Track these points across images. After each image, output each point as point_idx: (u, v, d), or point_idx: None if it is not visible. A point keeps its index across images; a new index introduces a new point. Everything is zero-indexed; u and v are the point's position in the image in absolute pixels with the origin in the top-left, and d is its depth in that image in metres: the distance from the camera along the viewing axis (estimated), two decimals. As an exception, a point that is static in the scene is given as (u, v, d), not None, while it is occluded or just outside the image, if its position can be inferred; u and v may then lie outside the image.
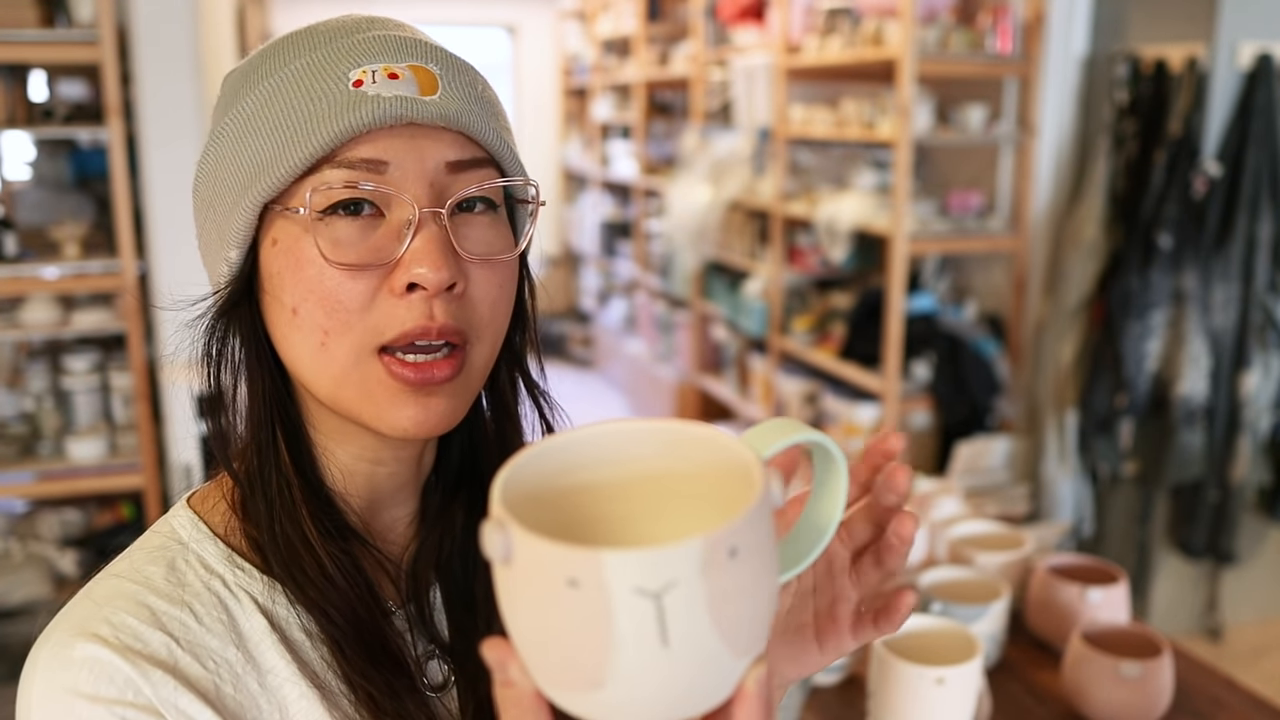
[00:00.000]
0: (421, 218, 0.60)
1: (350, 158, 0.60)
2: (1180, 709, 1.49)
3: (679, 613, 0.39)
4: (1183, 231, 3.08)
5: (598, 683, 0.40)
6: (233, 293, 0.64)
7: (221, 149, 0.63)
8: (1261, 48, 3.03)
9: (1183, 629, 3.41)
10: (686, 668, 0.40)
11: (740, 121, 4.42)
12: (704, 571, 0.39)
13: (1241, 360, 3.13)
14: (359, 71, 0.60)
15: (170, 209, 2.98)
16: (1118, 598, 1.62)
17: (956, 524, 1.88)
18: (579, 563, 0.38)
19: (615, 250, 6.50)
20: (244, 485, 0.65)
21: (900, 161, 3.24)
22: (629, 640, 0.39)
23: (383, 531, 0.70)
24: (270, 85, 0.61)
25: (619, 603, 0.38)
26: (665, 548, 0.38)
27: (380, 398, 0.61)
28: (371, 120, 0.59)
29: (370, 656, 0.63)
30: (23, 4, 2.69)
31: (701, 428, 0.47)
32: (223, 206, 0.63)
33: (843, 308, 3.99)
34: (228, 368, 0.66)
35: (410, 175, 0.60)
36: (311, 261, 0.60)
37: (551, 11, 7.67)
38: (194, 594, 0.62)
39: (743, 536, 0.40)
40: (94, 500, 3.16)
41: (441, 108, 0.61)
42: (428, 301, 0.60)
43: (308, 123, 0.59)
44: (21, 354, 3.16)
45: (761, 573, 0.41)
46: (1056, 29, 3.32)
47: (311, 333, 0.61)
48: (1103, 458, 3.29)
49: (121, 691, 0.56)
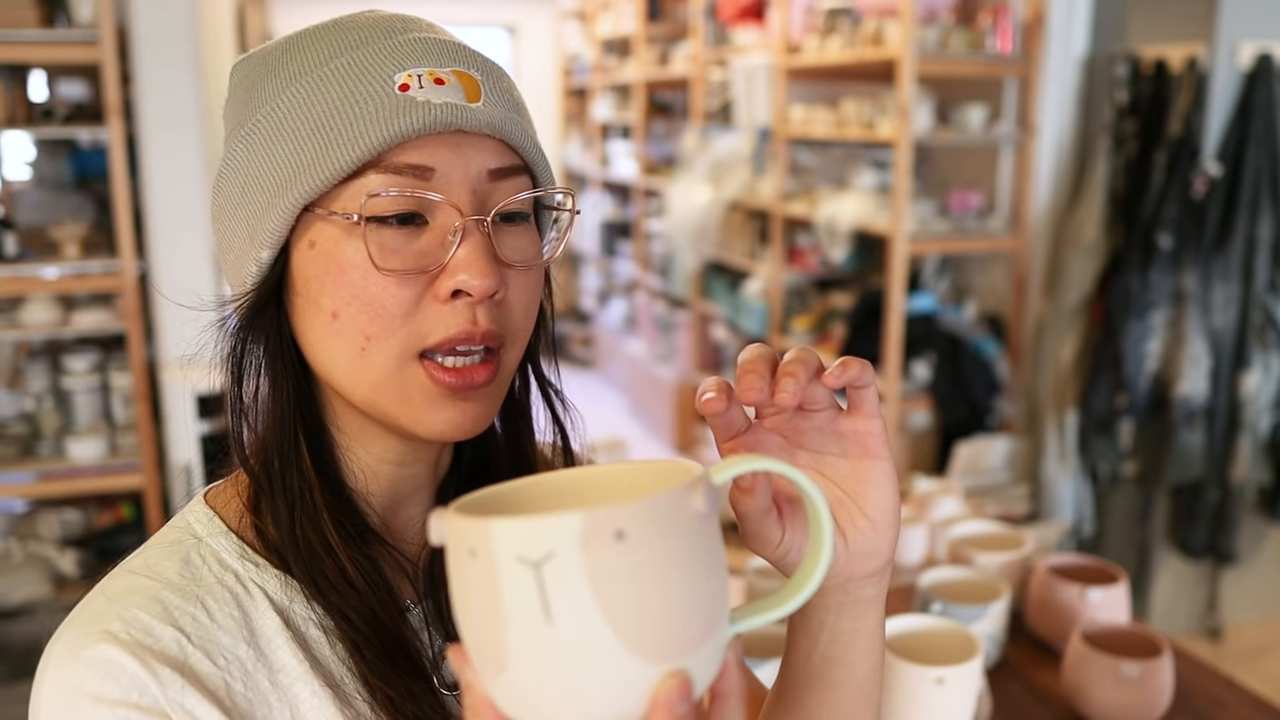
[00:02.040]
0: (467, 225, 0.60)
1: (397, 163, 0.59)
2: (1180, 709, 1.49)
3: (558, 586, 0.40)
4: (1183, 231, 3.08)
5: (502, 664, 0.42)
6: (261, 294, 0.64)
7: (253, 147, 0.62)
8: (1261, 48, 3.03)
9: (1183, 629, 3.41)
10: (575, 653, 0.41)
11: (740, 121, 4.42)
12: (584, 547, 0.40)
13: (1241, 360, 3.13)
14: (404, 75, 0.60)
15: (170, 209, 2.98)
16: (1118, 598, 1.62)
17: (956, 524, 1.88)
18: (474, 532, 0.41)
19: (615, 250, 6.50)
20: (264, 486, 0.65)
21: (900, 161, 3.24)
22: (515, 612, 0.40)
23: (400, 530, 0.70)
24: (308, 83, 0.60)
25: (504, 571, 0.40)
26: (544, 517, 0.40)
27: (419, 402, 0.62)
28: (422, 126, 0.59)
29: (390, 659, 0.63)
30: (23, 4, 2.69)
31: (669, 461, 0.49)
32: (254, 206, 0.62)
33: (843, 308, 3.99)
34: (250, 368, 0.66)
35: (455, 182, 0.61)
36: (355, 266, 0.60)
37: (551, 11, 7.67)
38: (207, 589, 0.62)
39: (633, 523, 0.40)
40: (94, 500, 3.16)
41: (487, 115, 0.61)
42: (472, 308, 0.61)
43: (355, 125, 0.59)
44: (21, 354, 3.16)
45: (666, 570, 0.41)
46: (1056, 29, 3.32)
47: (352, 337, 0.61)
48: (1103, 458, 3.29)
49: (126, 692, 0.56)
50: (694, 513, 0.43)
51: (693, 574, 0.42)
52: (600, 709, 0.42)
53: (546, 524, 0.40)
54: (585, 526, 0.40)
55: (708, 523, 0.43)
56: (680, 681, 0.42)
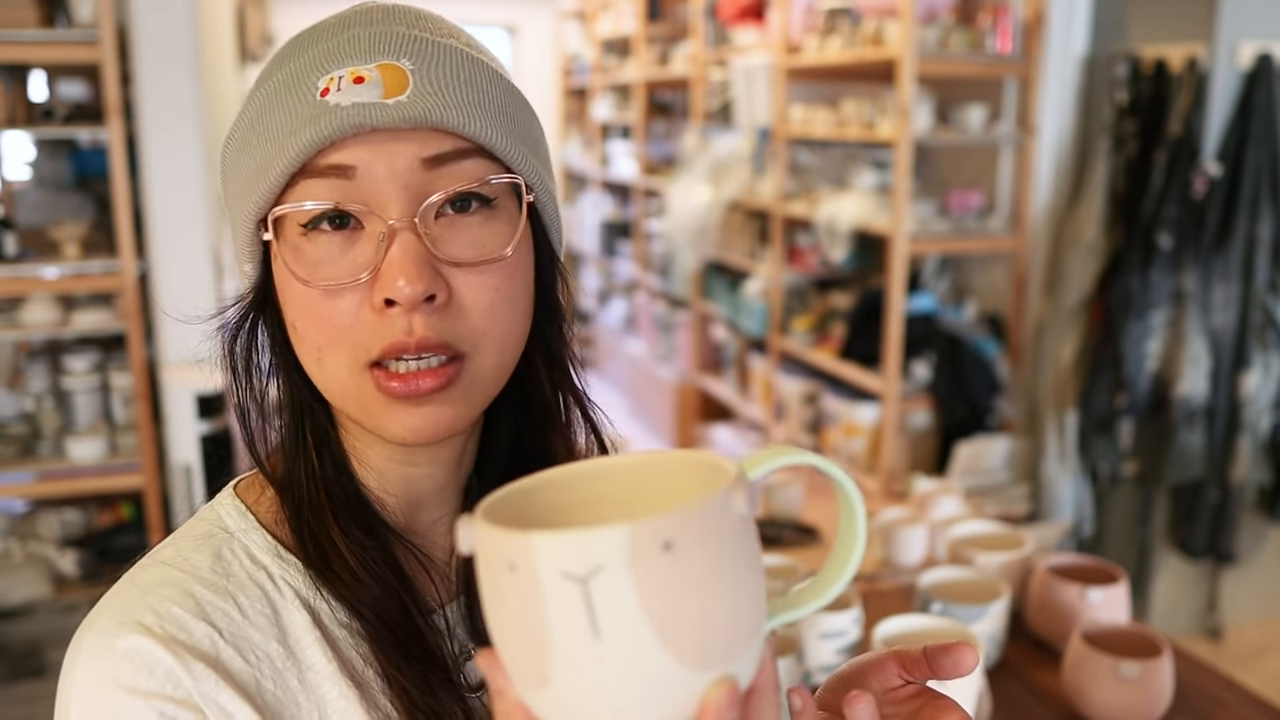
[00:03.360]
0: (393, 228, 0.58)
1: (320, 165, 0.58)
2: (1180, 709, 1.49)
3: (607, 602, 0.39)
4: (1183, 231, 3.08)
5: (545, 678, 0.41)
6: (251, 303, 0.65)
7: (227, 164, 0.64)
8: (1261, 48, 3.03)
9: (1183, 629, 3.41)
10: (625, 667, 0.40)
11: (740, 121, 4.42)
12: (632, 560, 0.38)
13: (1241, 360, 3.13)
14: (326, 79, 0.59)
15: (170, 209, 2.98)
16: (1118, 598, 1.62)
17: (956, 524, 1.88)
18: (514, 546, 0.39)
19: (615, 250, 6.50)
20: (275, 484, 0.66)
21: (900, 161, 3.24)
22: (561, 629, 0.39)
23: (425, 531, 0.69)
24: (263, 94, 0.62)
25: (549, 587, 0.39)
26: (590, 531, 0.38)
27: (374, 410, 0.61)
28: (330, 131, 0.57)
29: (404, 651, 0.62)
30: (23, 4, 2.69)
31: (698, 452, 0.47)
32: (232, 221, 0.64)
33: (843, 308, 3.99)
34: (256, 371, 0.67)
35: (380, 180, 0.58)
36: (297, 279, 0.60)
37: (551, 11, 7.67)
38: (239, 585, 0.61)
39: (680, 533, 0.39)
40: (94, 500, 3.16)
41: (406, 109, 0.58)
42: (406, 316, 0.58)
43: (279, 139, 0.59)
44: (21, 354, 3.16)
45: (713, 578, 0.40)
46: (1056, 29, 3.32)
47: (310, 349, 0.61)
48: (1103, 458, 3.29)
49: (161, 685, 0.56)
50: (737, 515, 0.42)
51: (738, 578, 0.42)
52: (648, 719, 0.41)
53: (592, 538, 0.38)
54: (633, 539, 0.38)
55: (748, 523, 0.43)
56: (729, 688, 0.41)
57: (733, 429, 4.77)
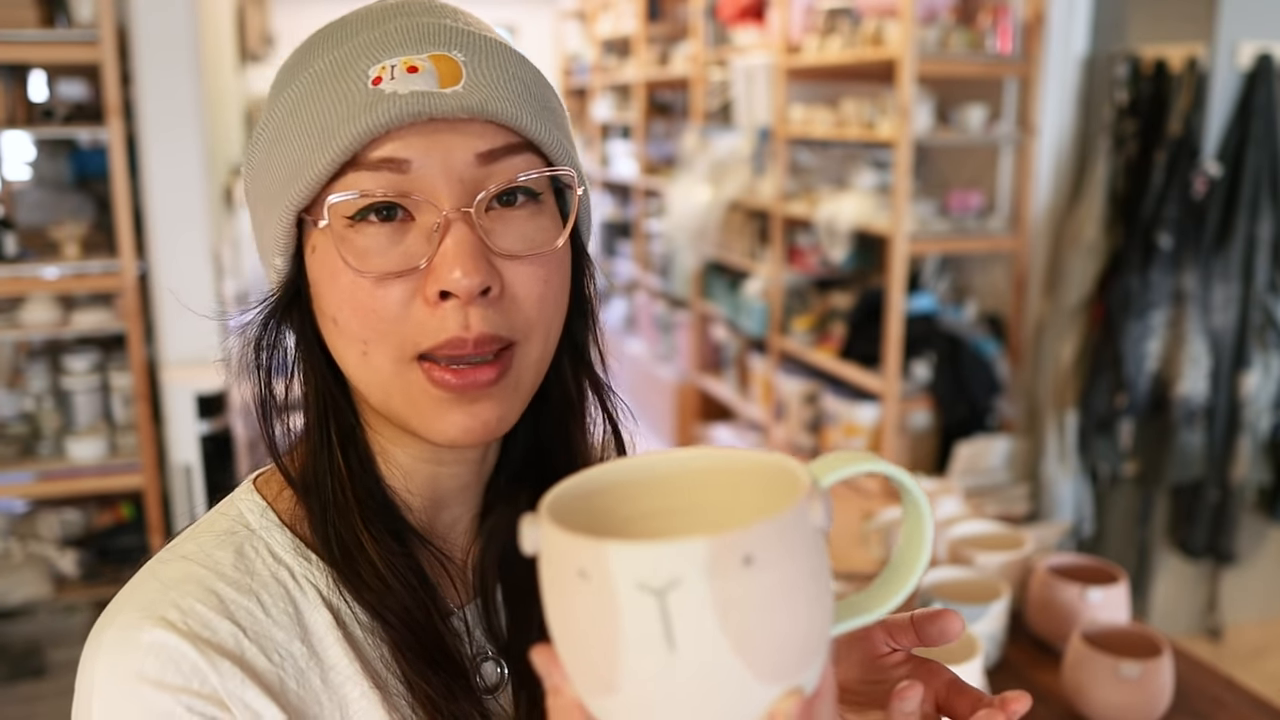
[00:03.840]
0: (448, 219, 0.57)
1: (372, 159, 0.57)
2: (1180, 709, 1.49)
3: (684, 615, 0.38)
4: (1183, 231, 3.08)
5: (612, 685, 0.40)
6: (280, 299, 0.64)
7: (256, 158, 0.62)
8: (1261, 48, 3.03)
9: (1183, 629, 3.41)
10: (698, 679, 0.39)
11: (740, 121, 4.42)
12: (711, 574, 0.38)
13: (1241, 360, 3.13)
14: (378, 68, 0.58)
15: (170, 209, 2.98)
16: (1118, 598, 1.62)
17: (956, 524, 1.88)
18: (587, 553, 0.39)
19: (615, 250, 6.50)
20: (297, 484, 0.65)
21: (900, 161, 3.24)
22: (634, 639, 0.38)
23: (444, 531, 0.69)
24: (299, 86, 0.60)
25: (623, 598, 0.38)
26: (669, 543, 0.38)
27: (425, 407, 0.59)
28: (388, 120, 0.56)
29: (428, 658, 0.62)
30: (23, 4, 2.69)
31: (767, 454, 0.46)
32: (263, 214, 0.62)
33: (843, 308, 3.99)
34: (280, 369, 0.65)
35: (436, 172, 0.57)
36: (344, 270, 0.58)
37: (551, 11, 7.67)
38: (262, 583, 0.61)
39: (761, 546, 0.38)
40: (94, 500, 3.16)
41: (464, 99, 0.57)
42: (462, 309, 0.57)
43: (328, 127, 0.57)
44: (21, 354, 3.16)
45: (791, 592, 0.40)
46: (1056, 29, 3.32)
47: (352, 342, 0.59)
48: (1103, 458, 3.29)
49: (188, 680, 0.55)
50: (814, 528, 0.41)
51: (812, 591, 0.41)
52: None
53: (672, 551, 0.37)
54: (713, 553, 0.38)
55: (822, 536, 0.42)
56: (798, 699, 0.41)
57: (733, 429, 4.77)
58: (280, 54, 5.99)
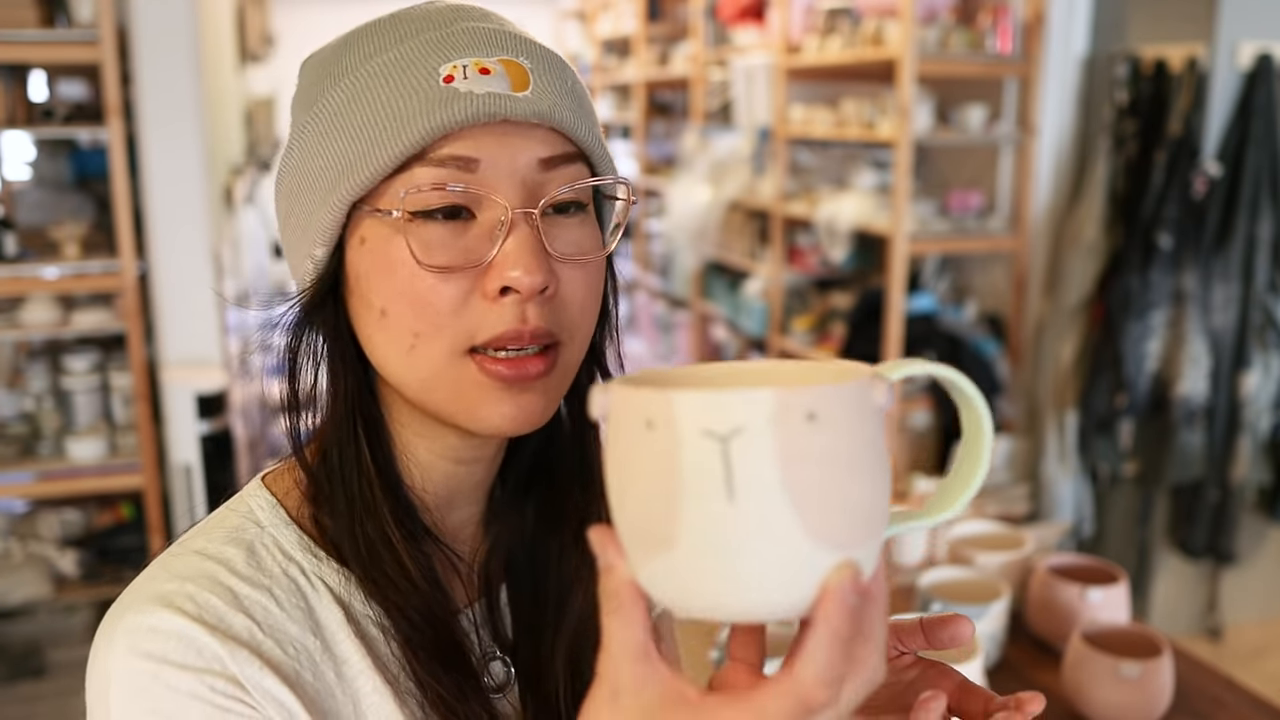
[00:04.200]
0: (514, 219, 0.59)
1: (441, 155, 0.58)
2: (1180, 709, 1.49)
3: (746, 462, 0.39)
4: (1183, 231, 3.08)
5: (669, 539, 0.40)
6: (318, 291, 0.64)
7: (307, 144, 0.62)
8: (1261, 48, 3.03)
9: (1183, 629, 3.41)
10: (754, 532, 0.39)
11: (740, 121, 4.42)
12: (775, 425, 0.39)
13: (1241, 360, 3.13)
14: (449, 66, 0.59)
15: (170, 209, 2.98)
16: (1118, 598, 1.62)
17: (956, 524, 1.88)
18: (655, 403, 0.40)
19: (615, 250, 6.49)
20: (320, 480, 0.65)
21: (900, 161, 3.24)
22: (696, 486, 0.39)
23: (453, 531, 0.69)
24: (357, 79, 0.60)
25: (687, 444, 0.39)
26: (736, 391, 0.39)
27: (473, 396, 0.60)
28: (465, 118, 0.58)
29: (442, 658, 0.63)
30: (23, 4, 2.69)
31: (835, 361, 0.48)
32: (308, 204, 0.62)
33: (843, 308, 3.99)
34: (308, 364, 0.65)
35: (502, 173, 0.59)
36: (403, 263, 0.59)
37: (551, 11, 7.67)
38: (274, 579, 0.61)
39: (825, 406, 0.40)
40: (94, 500, 3.16)
41: (534, 104, 0.59)
42: (521, 305, 0.59)
43: (397, 119, 0.58)
44: (21, 354, 3.16)
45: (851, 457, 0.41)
46: (1056, 29, 3.32)
47: (401, 335, 0.60)
48: (1103, 458, 3.29)
49: (209, 663, 0.56)
50: (876, 406, 0.42)
51: (872, 464, 0.42)
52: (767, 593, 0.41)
53: (738, 398, 0.39)
54: (778, 404, 0.39)
55: (882, 418, 0.43)
56: (854, 572, 0.41)
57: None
58: (280, 54, 6.00)
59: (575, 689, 0.68)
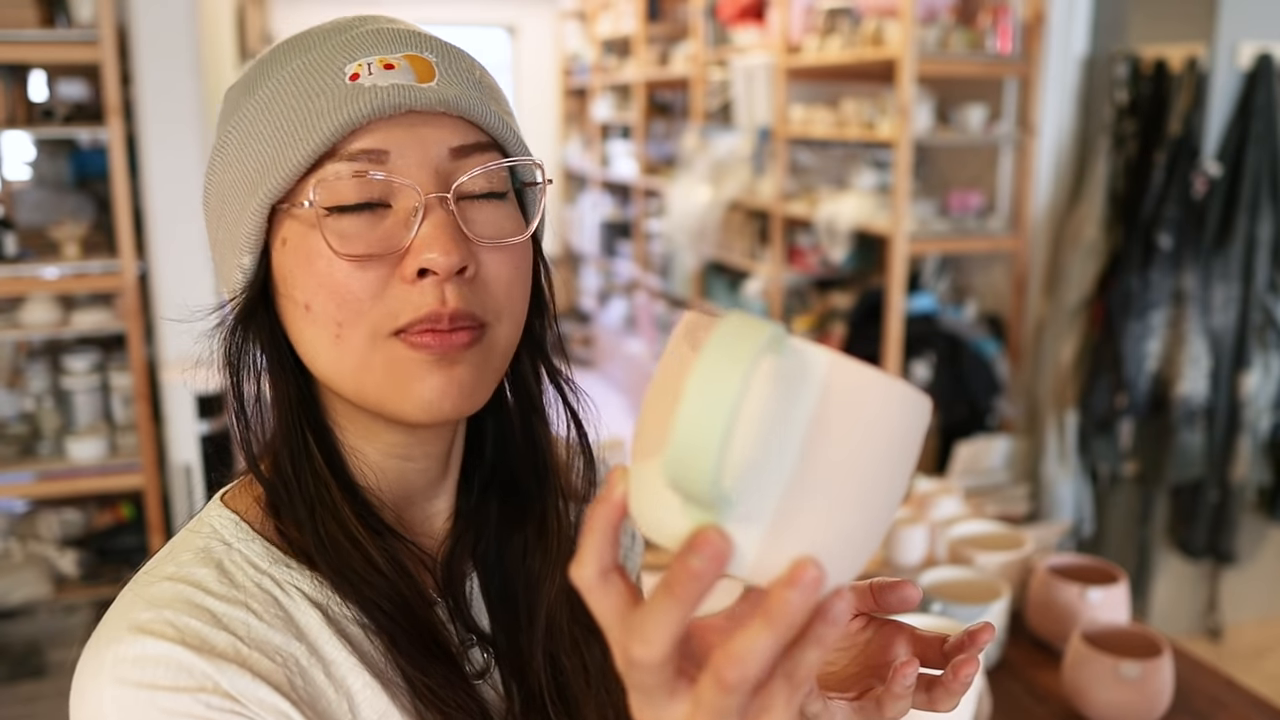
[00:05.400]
0: (428, 203, 0.60)
1: (352, 150, 0.60)
2: (1180, 709, 1.49)
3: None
4: (1183, 231, 3.08)
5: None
6: (249, 299, 0.65)
7: (226, 156, 0.64)
8: (1261, 48, 3.03)
9: (1183, 629, 3.41)
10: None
11: (740, 121, 4.42)
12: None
13: (1241, 360, 3.13)
14: (354, 65, 0.61)
15: (170, 209, 2.98)
16: (1118, 598, 1.62)
17: (956, 524, 1.88)
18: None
19: (615, 250, 6.50)
20: (278, 490, 0.65)
21: (900, 161, 3.24)
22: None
23: (417, 527, 0.71)
24: (269, 89, 0.62)
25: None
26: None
27: (403, 374, 0.61)
28: (370, 110, 0.59)
29: (424, 649, 0.64)
30: (23, 4, 2.69)
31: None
32: (231, 213, 0.64)
33: (843, 308, 3.99)
34: (249, 374, 0.66)
35: (413, 163, 0.61)
36: (320, 255, 0.60)
37: (551, 11, 7.67)
38: (249, 594, 0.62)
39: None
40: (94, 500, 3.16)
41: (440, 93, 0.61)
42: (439, 286, 0.60)
43: (308, 119, 0.60)
44: (21, 354, 3.16)
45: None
46: (1056, 29, 3.32)
47: (325, 326, 0.61)
48: (1103, 458, 3.29)
49: (201, 682, 0.56)
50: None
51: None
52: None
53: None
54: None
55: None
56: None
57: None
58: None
59: (557, 681, 0.70)
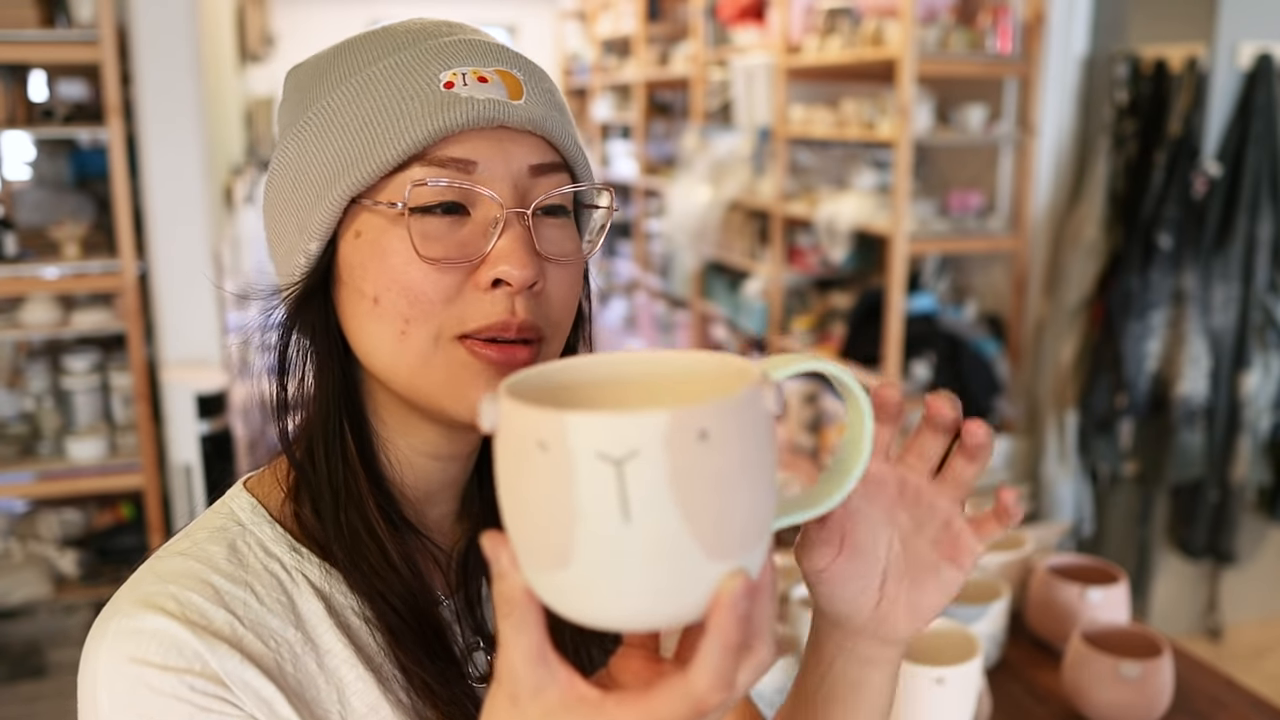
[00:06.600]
0: (508, 217, 0.62)
1: (440, 156, 0.62)
2: (1180, 709, 1.49)
3: (640, 485, 0.39)
4: (1183, 231, 3.08)
5: (565, 558, 0.41)
6: (309, 285, 0.66)
7: (304, 144, 0.65)
8: (1261, 48, 3.03)
9: (1183, 629, 3.41)
10: (649, 551, 0.40)
11: (740, 121, 4.42)
12: (668, 446, 0.39)
13: (1241, 360, 3.13)
14: (449, 73, 0.63)
15: (170, 209, 2.98)
16: (1118, 598, 1.62)
17: (956, 524, 1.87)
18: (547, 424, 0.40)
19: (615, 250, 6.50)
20: (308, 473, 0.67)
21: (900, 161, 3.24)
22: (591, 508, 0.40)
23: (434, 525, 0.72)
24: (356, 83, 0.64)
25: (582, 467, 0.39)
26: (630, 414, 0.39)
27: (463, 379, 0.63)
28: (465, 121, 0.61)
29: (426, 646, 0.65)
30: (23, 4, 2.69)
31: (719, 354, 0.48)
32: (304, 200, 0.65)
33: (843, 308, 3.99)
34: (296, 359, 0.68)
35: (497, 176, 0.63)
36: (397, 253, 0.62)
37: (551, 11, 7.67)
38: (255, 575, 0.64)
39: (716, 423, 0.40)
40: (94, 500, 3.16)
41: (528, 112, 0.63)
42: (510, 298, 0.62)
43: (400, 120, 0.62)
44: (21, 354, 3.16)
45: (742, 470, 0.41)
46: (1056, 29, 3.32)
47: (392, 321, 0.62)
48: (1103, 458, 3.29)
49: (190, 662, 0.58)
50: (766, 413, 0.43)
51: (762, 473, 0.43)
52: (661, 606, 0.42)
53: (631, 422, 0.39)
54: (671, 425, 0.39)
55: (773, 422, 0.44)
56: (744, 580, 0.42)
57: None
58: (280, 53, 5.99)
59: None
